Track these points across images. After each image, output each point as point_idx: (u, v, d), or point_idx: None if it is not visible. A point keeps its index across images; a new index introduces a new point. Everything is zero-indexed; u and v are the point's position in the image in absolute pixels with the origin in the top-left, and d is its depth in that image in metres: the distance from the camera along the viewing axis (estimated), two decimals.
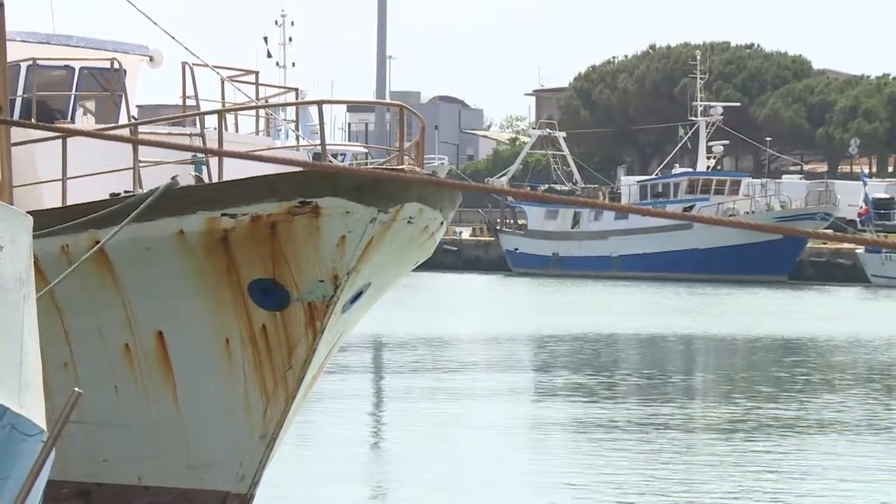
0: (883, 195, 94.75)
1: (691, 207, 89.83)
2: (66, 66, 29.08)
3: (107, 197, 23.26)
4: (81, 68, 29.16)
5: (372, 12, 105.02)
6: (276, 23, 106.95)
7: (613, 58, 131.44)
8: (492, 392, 47.04)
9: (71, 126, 26.47)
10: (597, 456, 34.14)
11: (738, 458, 34.18)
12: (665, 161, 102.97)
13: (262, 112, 31.41)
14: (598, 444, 36.50)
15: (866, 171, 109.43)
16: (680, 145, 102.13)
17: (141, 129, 26.47)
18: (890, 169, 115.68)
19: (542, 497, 30.92)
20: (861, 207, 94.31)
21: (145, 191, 23.12)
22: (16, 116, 26.04)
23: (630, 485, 30.87)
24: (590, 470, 32.28)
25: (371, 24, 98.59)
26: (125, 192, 23.52)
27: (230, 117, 28.93)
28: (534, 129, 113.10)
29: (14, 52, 22.86)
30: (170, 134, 26.96)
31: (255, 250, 23.85)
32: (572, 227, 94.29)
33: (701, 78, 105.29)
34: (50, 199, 23.87)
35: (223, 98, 29.72)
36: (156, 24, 29.53)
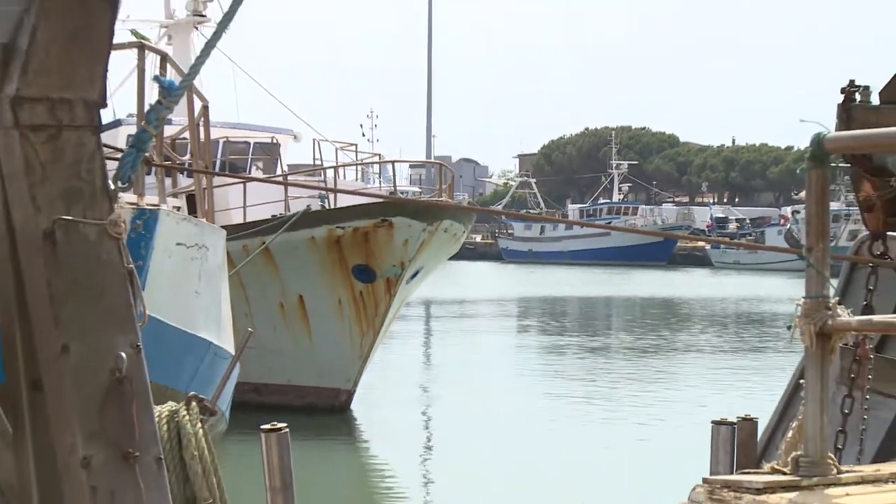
0: (720, 215, 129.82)
1: (609, 223, 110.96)
2: (245, 142, 34.47)
3: (270, 217, 29.55)
4: (255, 143, 34.83)
5: (422, 108, 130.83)
6: (367, 116, 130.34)
7: (563, 135, 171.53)
8: (487, 323, 60.92)
9: (248, 176, 32.29)
10: (535, 362, 44.50)
11: (637, 370, 42.39)
12: (594, 196, 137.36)
13: (359, 168, 38.61)
14: (542, 354, 47.67)
15: (711, 201, 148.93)
16: (602, 187, 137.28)
17: (289, 177, 32.19)
18: (724, 200, 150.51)
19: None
20: (708, 222, 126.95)
21: (292, 213, 29.41)
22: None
23: (549, 381, 39.13)
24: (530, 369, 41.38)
25: (423, 115, 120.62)
26: (281, 214, 29.72)
27: (341, 171, 35.40)
28: (517, 177, 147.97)
29: (215, 134, 27.02)
30: (306, 180, 33.13)
31: (356, 248, 29.91)
32: (540, 234, 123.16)
33: (615, 147, 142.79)
34: (237, 218, 29.29)
35: (336, 159, 35.71)
36: (299, 117, 36.28)
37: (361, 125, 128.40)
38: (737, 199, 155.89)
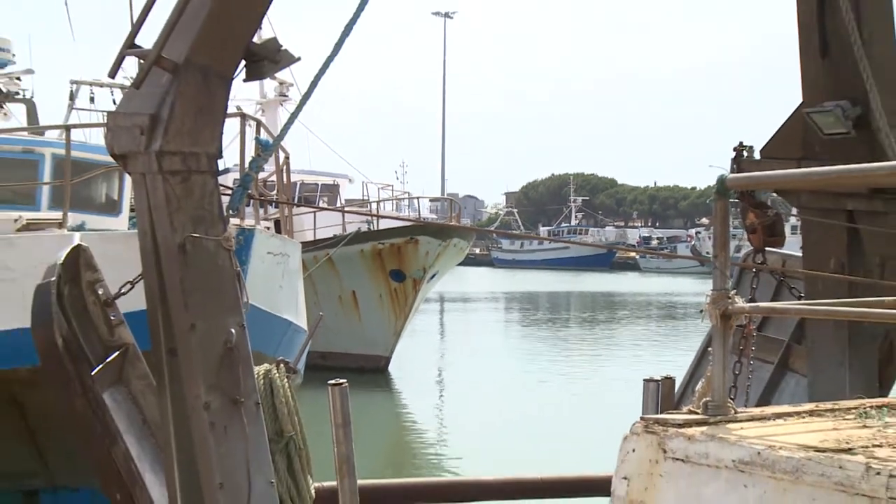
0: (646, 234, 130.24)
1: (569, 240, 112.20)
2: (315, 183, 34.36)
3: (332, 236, 29.21)
4: (321, 184, 34.79)
5: (438, 158, 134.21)
6: (400, 165, 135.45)
7: (536, 178, 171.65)
8: (483, 310, 59.28)
9: (317, 207, 30.81)
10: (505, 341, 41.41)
11: (589, 343, 41.64)
12: (558, 221, 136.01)
13: (394, 202, 38.49)
14: (523, 330, 45.81)
15: (640, 225, 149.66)
16: (563, 215, 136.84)
17: (345, 208, 31.76)
18: (648, 224, 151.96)
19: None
20: (637, 239, 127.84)
21: (347, 233, 29.22)
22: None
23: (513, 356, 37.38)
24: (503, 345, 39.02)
25: (438, 164, 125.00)
26: (339, 234, 29.34)
27: (382, 204, 35.60)
28: (505, 208, 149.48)
29: (294, 177, 24.62)
30: (357, 210, 32.46)
31: (392, 257, 29.87)
32: (520, 248, 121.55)
33: (572, 187, 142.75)
34: (309, 237, 28.29)
35: (378, 195, 36.42)
36: (351, 165, 37.09)
37: (396, 172, 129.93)
38: (657, 224, 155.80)
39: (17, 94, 21.10)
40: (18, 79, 20.46)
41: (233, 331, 5.64)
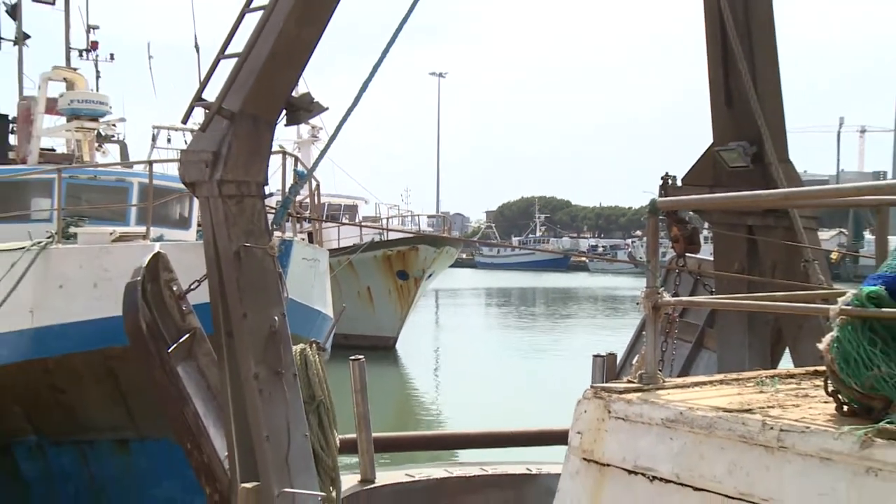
0: (594, 244, 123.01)
1: (535, 247, 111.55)
2: (339, 204, 34.25)
3: (352, 245, 28.83)
4: (344, 204, 34.73)
5: (433, 183, 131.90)
6: (405, 190, 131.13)
7: (510, 200, 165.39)
8: (469, 301, 56.88)
9: (340, 222, 31.88)
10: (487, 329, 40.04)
11: (550, 325, 40.46)
12: (526, 233, 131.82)
13: (400, 218, 38.09)
14: (500, 315, 45.54)
15: (589, 236, 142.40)
16: (530, 228, 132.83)
17: (363, 223, 31.78)
18: (595, 235, 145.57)
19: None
20: (587, 247, 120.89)
21: (364, 243, 28.98)
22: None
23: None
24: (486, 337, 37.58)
25: (434, 187, 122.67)
26: (357, 243, 28.95)
27: (391, 220, 35.13)
28: (485, 223, 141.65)
29: (323, 199, 26.32)
30: (371, 225, 32.24)
31: (398, 261, 29.56)
32: (497, 254, 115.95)
33: (537, 207, 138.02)
34: (335, 245, 28.22)
35: (388, 214, 35.97)
36: (366, 189, 37.80)
37: (401, 195, 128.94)
38: (602, 235, 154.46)
39: (113, 136, 21.26)
40: (114, 125, 20.67)
41: (276, 318, 5.61)
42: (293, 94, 5.71)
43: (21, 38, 20.27)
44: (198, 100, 5.57)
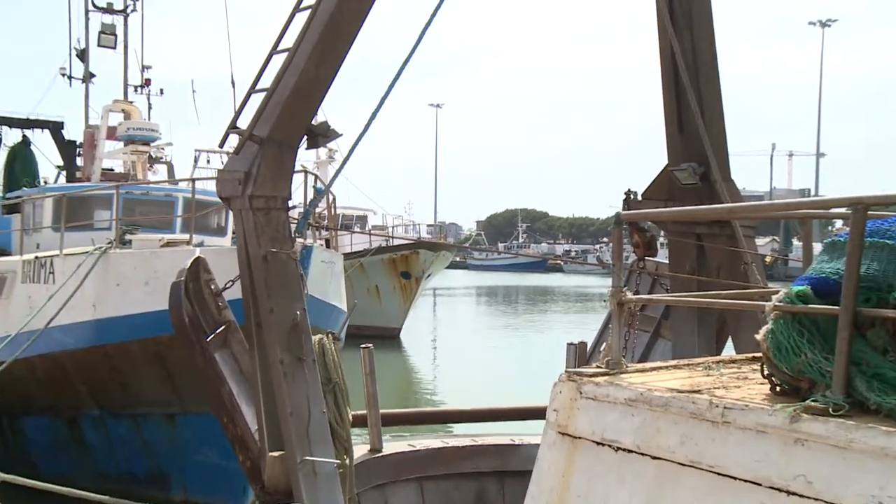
0: (567, 248, 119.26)
1: (517, 252, 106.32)
2: (352, 216, 33.73)
3: (362, 250, 28.14)
4: (356, 215, 34.34)
5: (432, 195, 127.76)
6: (407, 203, 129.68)
7: (496, 212, 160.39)
8: (463, 297, 56.04)
9: (353, 231, 30.42)
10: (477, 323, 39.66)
11: (530, 318, 39.04)
12: (510, 240, 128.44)
13: (403, 227, 38.05)
14: (488, 309, 44.57)
15: (564, 242, 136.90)
16: (514, 236, 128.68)
17: (372, 231, 30.98)
18: (569, 241, 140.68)
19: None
20: (563, 252, 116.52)
21: (373, 247, 28.65)
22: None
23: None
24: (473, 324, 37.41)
25: (432, 199, 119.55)
26: (367, 248, 28.45)
27: (396, 229, 35.21)
28: (476, 231, 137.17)
29: (338, 211, 26.09)
30: (379, 233, 31.36)
31: (402, 263, 29.30)
32: (486, 257, 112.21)
33: (519, 217, 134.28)
34: (348, 250, 27.31)
35: (393, 224, 35.95)
36: (374, 202, 36.69)
37: (405, 207, 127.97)
38: (575, 241, 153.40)
39: (162, 158, 21.41)
40: (163, 149, 20.83)
41: (298, 313, 5.57)
42: (313, 122, 5.68)
43: (87, 77, 20.79)
44: (232, 127, 5.54)
